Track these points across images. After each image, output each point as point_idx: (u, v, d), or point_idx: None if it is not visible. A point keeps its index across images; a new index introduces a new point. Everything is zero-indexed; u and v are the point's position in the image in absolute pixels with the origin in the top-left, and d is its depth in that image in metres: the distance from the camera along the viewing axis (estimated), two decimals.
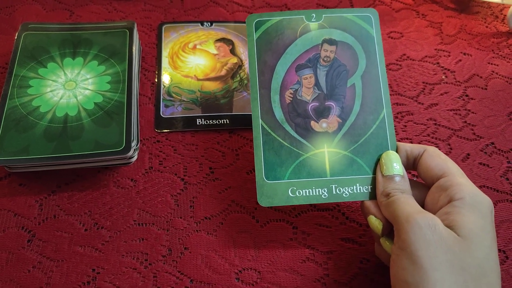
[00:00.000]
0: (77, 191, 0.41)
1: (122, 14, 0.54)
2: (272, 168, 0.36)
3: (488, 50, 0.55)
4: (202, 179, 0.42)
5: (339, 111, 0.37)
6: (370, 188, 0.36)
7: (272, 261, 0.38)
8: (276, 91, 0.37)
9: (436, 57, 0.54)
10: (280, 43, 0.37)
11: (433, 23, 0.57)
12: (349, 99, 0.37)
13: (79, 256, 0.37)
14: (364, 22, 0.38)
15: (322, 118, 0.36)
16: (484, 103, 0.50)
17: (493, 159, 0.46)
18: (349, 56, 0.37)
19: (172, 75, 0.49)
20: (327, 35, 0.38)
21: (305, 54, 0.37)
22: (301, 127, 0.36)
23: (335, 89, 0.37)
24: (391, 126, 0.37)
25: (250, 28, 0.38)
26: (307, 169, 0.36)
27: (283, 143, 0.36)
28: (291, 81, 0.37)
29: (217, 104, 0.47)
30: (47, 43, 0.46)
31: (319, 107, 0.37)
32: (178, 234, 0.39)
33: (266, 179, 0.35)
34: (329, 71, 0.37)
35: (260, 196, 0.35)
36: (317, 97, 0.37)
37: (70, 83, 0.43)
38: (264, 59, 0.37)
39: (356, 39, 0.38)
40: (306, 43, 0.38)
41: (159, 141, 0.44)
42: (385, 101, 0.37)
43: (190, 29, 0.53)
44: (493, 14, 0.59)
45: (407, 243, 0.30)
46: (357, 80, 0.37)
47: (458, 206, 0.32)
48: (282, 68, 0.37)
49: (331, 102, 0.37)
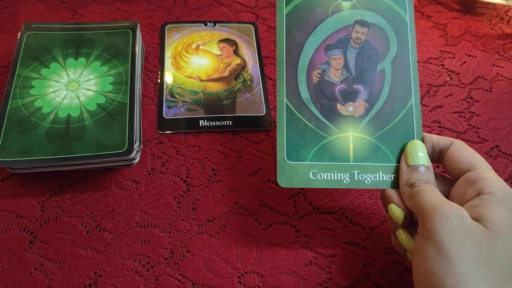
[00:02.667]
0: (79, 192, 0.40)
1: (125, 14, 0.53)
2: (295, 148, 0.34)
3: (493, 52, 0.55)
4: (205, 181, 0.42)
5: (366, 95, 0.35)
6: (393, 177, 0.35)
7: (275, 265, 0.38)
8: (304, 70, 0.35)
9: (440, 59, 0.53)
10: (310, 20, 0.36)
11: (438, 24, 0.57)
12: (377, 84, 0.36)
13: (81, 258, 0.37)
14: (398, 6, 0.37)
15: (349, 102, 0.35)
16: (489, 105, 0.50)
17: (498, 162, 0.45)
18: (380, 40, 0.36)
19: (175, 75, 0.49)
20: (359, 16, 0.36)
21: (336, 34, 0.36)
22: (327, 109, 0.35)
23: (364, 72, 0.36)
24: (419, 115, 0.36)
25: (281, 3, 0.36)
26: (331, 153, 0.35)
27: (308, 124, 0.35)
28: (320, 61, 0.36)
29: (220, 105, 0.47)
30: (49, 43, 0.46)
31: (347, 90, 0.35)
32: (180, 236, 0.39)
33: (288, 160, 0.34)
34: (359, 54, 0.36)
35: (281, 176, 0.34)
36: (345, 80, 0.35)
37: (73, 83, 0.43)
38: (293, 36, 0.35)
39: (389, 23, 0.36)
40: (337, 22, 0.36)
41: (162, 143, 0.44)
42: (414, 89, 0.36)
43: (193, 29, 0.53)
44: (498, 15, 0.59)
45: (433, 232, 0.30)
46: (387, 65, 0.36)
47: (487, 199, 0.31)
48: (311, 46, 0.36)
49: (359, 85, 0.36)
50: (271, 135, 0.45)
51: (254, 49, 0.52)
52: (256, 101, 0.47)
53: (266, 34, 0.54)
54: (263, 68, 0.50)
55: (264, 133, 0.45)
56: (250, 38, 0.53)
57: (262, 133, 0.45)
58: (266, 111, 0.47)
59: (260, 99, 0.48)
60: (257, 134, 0.45)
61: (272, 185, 0.42)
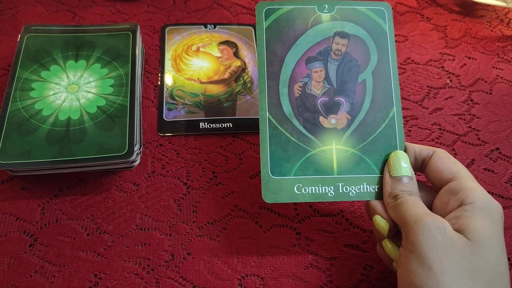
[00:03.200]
0: (79, 195, 0.40)
1: (125, 16, 0.53)
2: (279, 163, 0.34)
3: (493, 54, 0.55)
4: (205, 184, 0.42)
5: (348, 107, 0.36)
6: (377, 188, 0.35)
7: (275, 267, 0.38)
8: (285, 83, 0.36)
9: (440, 61, 0.54)
10: (290, 33, 0.36)
11: (438, 26, 0.57)
12: (359, 95, 0.36)
13: (81, 261, 0.37)
14: (377, 16, 0.37)
15: (331, 114, 0.35)
16: (489, 107, 0.50)
17: (498, 165, 0.45)
18: (361, 51, 0.36)
19: (175, 78, 0.49)
20: (339, 28, 0.37)
21: (316, 46, 0.36)
22: (309, 122, 0.35)
23: (345, 84, 0.36)
24: (401, 125, 0.36)
25: (260, 16, 0.37)
26: (314, 166, 0.35)
27: (291, 138, 0.35)
28: (301, 74, 0.36)
29: (220, 107, 0.47)
30: (50, 45, 0.46)
31: (329, 103, 0.36)
32: (181, 239, 0.39)
33: (272, 175, 0.34)
34: (340, 65, 0.36)
35: (265, 192, 0.34)
36: (327, 92, 0.36)
37: (73, 86, 0.43)
38: (273, 49, 0.36)
39: (369, 33, 0.37)
40: (317, 34, 0.36)
41: (162, 145, 0.44)
42: (395, 99, 0.36)
43: (193, 31, 0.53)
44: (498, 17, 0.59)
45: (415, 245, 0.30)
46: (368, 76, 0.36)
47: (469, 210, 0.31)
48: (292, 59, 0.36)
49: (341, 97, 0.36)
50: None
51: (254, 51, 0.52)
52: (256, 104, 0.47)
53: None
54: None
55: None
56: (250, 40, 0.53)
57: None
58: None
59: None
60: (257, 136, 0.45)
61: None
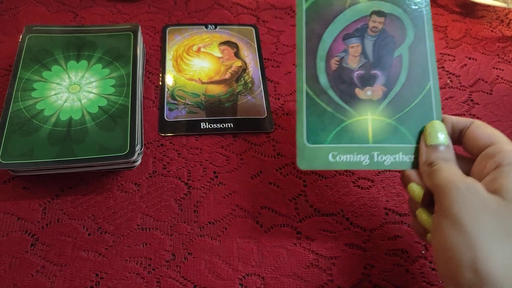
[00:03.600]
0: (80, 195, 0.40)
1: (126, 16, 0.54)
2: (314, 132, 0.35)
3: (493, 54, 0.55)
4: (206, 184, 0.42)
5: (384, 80, 0.36)
6: (413, 158, 0.35)
7: (276, 267, 0.38)
8: (322, 58, 0.37)
9: (441, 61, 0.54)
10: (329, 12, 0.37)
11: (438, 27, 0.57)
12: (395, 69, 0.37)
13: (83, 260, 0.37)
14: None
15: (367, 86, 0.36)
16: (489, 108, 0.50)
17: None
18: (397, 28, 0.37)
19: (176, 78, 0.49)
20: (376, 7, 0.37)
21: (353, 24, 0.37)
22: (345, 94, 0.36)
23: (381, 58, 0.37)
24: (437, 98, 0.36)
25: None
26: (350, 135, 0.35)
27: (327, 109, 0.36)
28: (338, 49, 0.37)
29: (222, 107, 0.47)
30: (51, 45, 0.46)
31: (365, 75, 0.36)
32: (182, 239, 0.39)
33: (307, 143, 0.35)
34: (376, 41, 0.37)
35: (300, 159, 0.35)
36: (363, 65, 0.37)
37: (74, 86, 0.43)
38: (311, 27, 0.37)
39: (405, 12, 0.37)
40: (354, 13, 0.37)
41: (163, 145, 0.44)
42: (431, 73, 0.36)
43: (194, 31, 0.53)
44: (498, 18, 0.59)
45: (448, 208, 0.29)
46: (404, 51, 0.37)
47: (506, 171, 0.30)
48: (329, 36, 0.37)
49: (377, 70, 0.37)
50: (272, 137, 0.46)
51: (255, 51, 0.52)
52: (257, 104, 0.47)
53: (267, 36, 0.54)
54: (264, 70, 0.50)
55: (265, 135, 0.46)
56: (251, 41, 0.53)
57: (263, 136, 0.46)
58: (267, 114, 0.47)
59: (261, 101, 0.48)
60: (258, 136, 0.45)
61: (273, 188, 0.42)
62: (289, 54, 0.52)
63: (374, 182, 0.43)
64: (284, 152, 0.45)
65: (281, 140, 0.45)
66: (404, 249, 0.39)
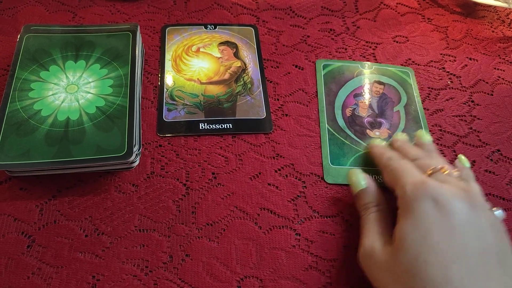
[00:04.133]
0: (77, 196, 0.40)
1: (125, 16, 0.53)
2: (337, 157, 0.44)
3: (494, 55, 0.54)
4: (205, 185, 0.42)
5: (388, 125, 0.47)
6: None
7: (275, 269, 0.38)
8: (339, 107, 0.48)
9: (441, 62, 0.53)
10: (342, 78, 0.50)
11: (439, 27, 0.57)
12: (395, 119, 0.48)
13: (79, 262, 0.37)
14: (404, 74, 0.51)
15: (375, 129, 0.47)
16: (490, 109, 0.50)
17: (499, 167, 0.45)
18: (393, 93, 0.50)
19: (175, 78, 0.48)
20: (376, 78, 0.51)
21: (360, 87, 0.50)
22: (359, 132, 0.46)
23: (384, 111, 0.48)
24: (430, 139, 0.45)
25: (319, 67, 0.51)
26: (365, 160, 0.44)
27: (345, 141, 0.45)
28: (350, 103, 0.48)
29: (220, 108, 0.46)
30: (49, 45, 0.45)
31: (373, 122, 0.47)
32: (180, 240, 0.38)
33: (332, 164, 0.44)
34: (379, 100, 0.49)
35: (327, 175, 0.43)
36: (371, 115, 0.47)
37: (72, 86, 0.43)
38: (329, 87, 0.49)
39: (398, 84, 0.50)
40: (361, 81, 0.50)
41: (161, 146, 0.44)
42: (423, 124, 0.47)
43: (193, 31, 0.53)
44: (499, 18, 0.58)
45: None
46: (401, 108, 0.48)
47: (398, 216, 0.34)
48: (343, 94, 0.49)
49: (382, 119, 0.47)
50: (272, 138, 0.45)
51: (254, 51, 0.52)
52: (257, 104, 0.47)
53: (266, 37, 0.53)
54: (264, 71, 0.50)
55: (264, 136, 0.45)
56: (250, 41, 0.52)
57: (263, 136, 0.45)
58: (267, 114, 0.46)
59: (261, 102, 0.47)
60: (257, 137, 0.45)
61: (272, 189, 0.42)
62: (288, 54, 0.52)
63: None
64: (284, 153, 0.44)
65: (280, 141, 0.45)
66: None
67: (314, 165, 0.44)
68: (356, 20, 0.57)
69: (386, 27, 0.56)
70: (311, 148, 0.45)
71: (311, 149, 0.45)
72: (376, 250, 0.33)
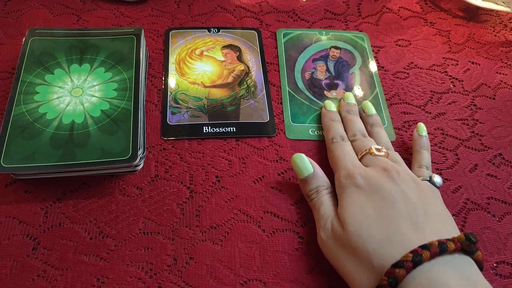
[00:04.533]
0: (82, 199, 0.40)
1: (129, 19, 0.53)
2: (296, 116, 0.48)
3: (497, 59, 0.55)
4: (208, 188, 0.42)
5: (344, 86, 0.51)
6: None
7: (278, 272, 0.38)
8: (298, 71, 0.51)
9: (444, 66, 0.53)
10: (300, 45, 0.54)
11: (441, 31, 0.57)
12: (350, 80, 0.51)
13: (84, 265, 0.37)
14: (358, 39, 0.55)
15: (332, 90, 0.50)
16: (492, 113, 0.50)
17: (501, 170, 0.45)
18: (349, 56, 0.54)
19: (179, 81, 0.49)
20: (333, 44, 0.54)
21: (318, 53, 0.53)
22: (317, 93, 0.50)
23: (341, 73, 0.52)
24: (383, 99, 0.50)
25: (280, 35, 0.54)
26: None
27: (304, 102, 0.49)
28: (309, 67, 0.52)
29: (224, 111, 0.47)
30: (54, 49, 0.46)
31: (330, 83, 0.51)
32: (184, 243, 0.39)
33: (292, 122, 0.47)
34: (335, 64, 0.52)
35: (288, 132, 0.46)
36: (328, 77, 0.51)
37: (77, 89, 0.43)
38: (289, 53, 0.53)
39: (354, 47, 0.54)
40: (319, 47, 0.54)
41: (165, 149, 0.44)
42: (377, 83, 0.51)
43: (197, 35, 0.53)
44: (501, 22, 0.59)
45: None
46: (356, 71, 0.52)
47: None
48: (302, 59, 0.52)
49: (338, 81, 0.51)
50: (275, 141, 0.45)
51: (257, 55, 0.52)
52: (260, 108, 0.47)
53: (269, 40, 0.54)
54: (267, 74, 0.50)
55: (267, 139, 0.45)
56: (253, 44, 0.53)
57: (266, 140, 0.45)
58: (270, 118, 0.47)
59: (264, 105, 0.48)
60: (260, 140, 0.45)
61: (276, 192, 0.42)
62: None
63: None
64: (287, 157, 0.44)
65: (283, 144, 0.45)
66: None
67: None
68: (359, 24, 0.57)
69: (388, 30, 0.56)
70: (314, 151, 0.45)
71: (313, 152, 0.45)
72: (335, 229, 0.36)
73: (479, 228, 0.42)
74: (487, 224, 0.42)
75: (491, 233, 0.41)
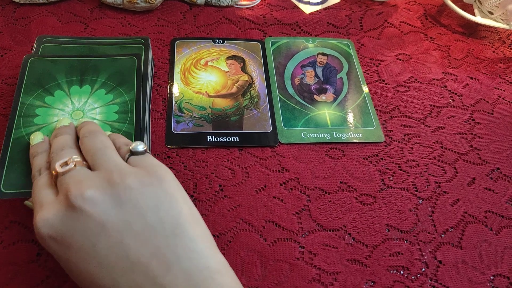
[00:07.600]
0: None
1: (136, 28, 0.54)
2: (288, 121, 0.49)
3: (495, 75, 0.56)
4: (212, 197, 0.43)
5: (333, 90, 0.53)
6: (361, 135, 0.49)
7: (279, 281, 0.38)
8: (288, 77, 0.53)
9: (443, 80, 0.55)
10: (289, 52, 0.56)
11: (441, 46, 0.58)
12: (339, 85, 0.53)
13: None
14: (344, 46, 0.57)
15: (322, 94, 0.52)
16: (491, 128, 0.51)
17: (499, 185, 0.46)
18: (336, 62, 0.56)
19: (183, 91, 0.49)
20: (320, 51, 0.57)
21: (306, 59, 0.55)
22: (307, 98, 0.51)
23: (329, 78, 0.54)
24: (371, 102, 0.52)
25: (268, 44, 0.56)
26: (314, 122, 0.50)
27: (295, 107, 0.50)
28: (298, 73, 0.54)
29: (228, 121, 0.47)
30: (54, 69, 0.45)
31: (319, 88, 0.53)
32: None
33: (285, 127, 0.48)
34: (323, 69, 0.55)
35: (281, 137, 0.48)
36: (317, 82, 0.53)
37: (78, 112, 0.42)
38: (278, 60, 0.55)
39: (340, 54, 0.56)
40: (306, 53, 0.56)
41: (170, 157, 0.45)
42: (363, 87, 0.53)
43: (202, 45, 0.54)
44: (500, 39, 0.60)
45: None
46: (344, 75, 0.54)
47: None
48: (291, 66, 0.54)
49: (327, 85, 0.53)
50: (277, 152, 0.46)
51: (261, 66, 0.53)
52: (263, 118, 0.48)
53: None
54: (270, 85, 0.51)
55: (270, 149, 0.46)
56: (257, 56, 0.54)
57: (269, 150, 0.46)
58: (273, 128, 0.48)
59: (267, 116, 0.48)
60: (263, 150, 0.46)
61: (277, 202, 0.43)
62: None
63: (376, 198, 0.44)
64: (289, 167, 0.45)
65: (286, 155, 0.46)
66: (405, 266, 0.40)
67: (318, 179, 0.45)
68: (361, 38, 0.58)
69: (389, 45, 0.58)
70: (315, 162, 0.46)
71: (315, 163, 0.46)
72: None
73: (477, 241, 0.42)
74: (484, 237, 0.43)
75: (488, 246, 0.42)
